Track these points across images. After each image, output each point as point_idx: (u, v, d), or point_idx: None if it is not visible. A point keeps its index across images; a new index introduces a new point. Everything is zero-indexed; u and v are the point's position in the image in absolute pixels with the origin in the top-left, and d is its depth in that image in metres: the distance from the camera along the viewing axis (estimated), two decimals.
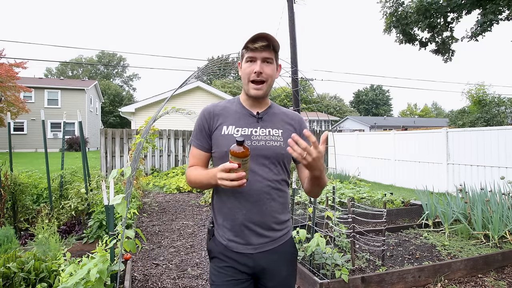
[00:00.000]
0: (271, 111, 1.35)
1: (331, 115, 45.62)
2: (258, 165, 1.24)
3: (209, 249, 1.34)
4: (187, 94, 14.57)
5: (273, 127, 1.31)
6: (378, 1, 9.17)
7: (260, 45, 1.21)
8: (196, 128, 1.34)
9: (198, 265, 3.46)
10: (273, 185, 1.26)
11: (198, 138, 1.33)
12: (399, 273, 2.83)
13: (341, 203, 5.25)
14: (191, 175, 1.30)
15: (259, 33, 1.20)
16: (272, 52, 1.25)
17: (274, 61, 1.27)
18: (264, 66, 1.24)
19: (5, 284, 2.23)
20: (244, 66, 1.27)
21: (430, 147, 8.36)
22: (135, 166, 2.83)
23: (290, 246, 1.34)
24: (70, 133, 25.20)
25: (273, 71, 1.27)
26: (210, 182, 1.19)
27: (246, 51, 1.25)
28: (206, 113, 1.33)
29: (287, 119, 1.36)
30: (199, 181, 1.26)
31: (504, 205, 4.00)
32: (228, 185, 1.06)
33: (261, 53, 1.22)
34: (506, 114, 15.89)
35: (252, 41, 1.21)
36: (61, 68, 53.76)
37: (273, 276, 1.27)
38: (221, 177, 1.07)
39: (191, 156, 1.36)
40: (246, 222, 1.24)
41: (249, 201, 1.23)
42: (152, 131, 6.89)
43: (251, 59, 1.24)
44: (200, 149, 1.33)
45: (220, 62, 3.31)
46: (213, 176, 1.14)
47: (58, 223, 3.91)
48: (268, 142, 1.26)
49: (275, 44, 1.24)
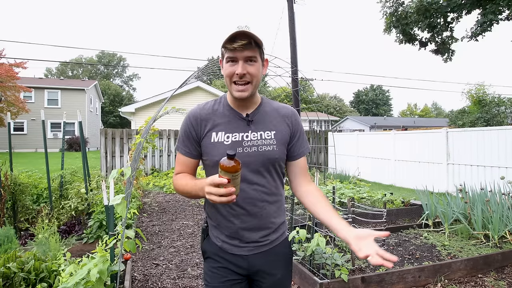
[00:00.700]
0: (262, 109, 1.26)
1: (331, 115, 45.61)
2: (252, 171, 1.19)
3: (203, 250, 1.32)
4: (187, 94, 14.57)
5: (265, 129, 1.23)
6: (378, 1, 9.18)
7: (240, 44, 1.09)
8: (182, 134, 1.26)
9: (198, 265, 3.46)
10: (267, 191, 1.22)
11: (186, 145, 1.25)
12: (399, 273, 2.83)
13: (341, 203, 5.25)
14: (179, 184, 1.23)
15: (237, 31, 1.09)
16: (255, 49, 1.13)
17: (258, 58, 1.15)
18: (247, 66, 1.13)
19: (5, 284, 2.23)
20: (225, 66, 1.16)
21: (430, 147, 8.36)
22: (135, 166, 2.83)
23: (285, 247, 1.33)
24: (70, 133, 25.19)
25: (257, 70, 1.16)
26: (198, 194, 1.13)
27: (225, 51, 1.14)
28: (193, 118, 1.23)
29: (279, 117, 1.27)
30: (186, 192, 1.20)
31: (504, 205, 4.00)
32: (216, 201, 1.00)
33: (242, 53, 1.11)
34: (506, 114, 15.90)
35: (230, 41, 1.09)
36: (61, 68, 53.77)
37: (268, 277, 1.26)
38: (209, 192, 1.00)
39: (178, 163, 1.28)
40: (241, 230, 1.22)
41: (244, 209, 1.20)
42: (152, 131, 6.89)
43: (232, 59, 1.13)
44: (188, 156, 1.26)
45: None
46: (201, 188, 1.09)
47: (58, 223, 3.91)
48: (260, 148, 1.20)
49: (256, 40, 1.11)
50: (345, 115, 48.45)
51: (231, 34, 1.09)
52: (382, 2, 9.10)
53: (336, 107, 53.90)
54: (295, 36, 9.56)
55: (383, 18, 9.28)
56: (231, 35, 1.09)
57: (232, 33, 1.09)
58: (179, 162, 1.28)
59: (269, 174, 1.23)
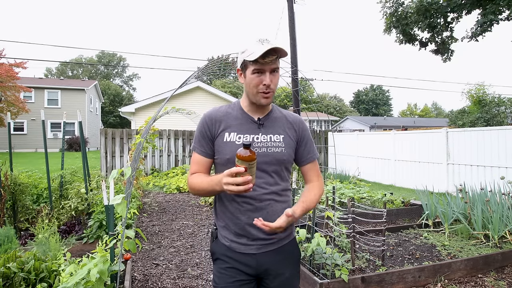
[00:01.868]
0: (272, 115, 1.35)
1: (331, 115, 45.63)
2: (261, 171, 1.24)
3: (212, 251, 1.34)
4: (187, 94, 14.56)
5: (274, 133, 1.31)
6: (378, 1, 9.19)
7: (270, 59, 1.19)
8: (198, 135, 1.32)
9: (198, 265, 3.46)
10: (275, 191, 1.27)
11: (202, 144, 1.31)
12: (399, 273, 2.83)
13: (341, 203, 5.25)
14: (194, 183, 1.27)
15: (269, 48, 1.15)
16: (278, 61, 1.24)
17: (278, 68, 1.27)
18: (272, 77, 1.23)
19: (5, 284, 2.23)
20: (251, 77, 1.23)
21: (430, 147, 8.36)
22: (135, 166, 2.83)
23: (293, 246, 1.35)
24: (70, 133, 25.20)
25: (278, 79, 1.27)
26: (215, 189, 1.17)
27: (252, 63, 1.21)
28: (208, 119, 1.31)
29: (287, 123, 1.36)
30: (202, 189, 1.24)
31: (504, 205, 4.00)
32: (234, 190, 1.04)
33: (270, 66, 1.21)
34: (506, 114, 15.91)
35: (262, 57, 1.17)
36: (61, 68, 53.76)
37: (276, 277, 1.27)
38: (227, 182, 1.05)
39: (193, 163, 1.33)
40: (248, 226, 1.24)
41: (253, 206, 1.24)
42: (152, 131, 6.89)
43: (259, 71, 1.21)
44: (203, 156, 1.31)
45: (220, 62, 3.31)
46: (217, 182, 1.13)
47: (58, 223, 3.91)
48: (270, 149, 1.27)
49: (282, 55, 1.22)
50: (345, 115, 48.46)
51: (265, 50, 1.14)
52: (382, 2, 9.10)
53: (336, 107, 53.91)
54: (295, 36, 9.56)
55: (383, 18, 9.29)
56: (265, 52, 1.15)
57: (266, 50, 1.15)
58: (194, 161, 1.33)
59: (276, 174, 1.28)
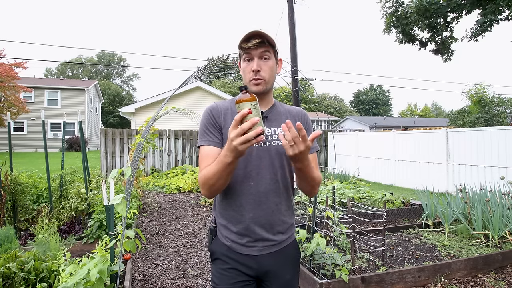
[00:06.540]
0: (276, 109, 1.33)
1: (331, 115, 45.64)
2: (265, 165, 1.22)
3: (211, 251, 1.30)
4: (187, 94, 14.57)
5: (278, 126, 1.29)
6: (378, 1, 9.18)
7: (254, 43, 1.18)
8: (204, 126, 1.25)
9: (198, 265, 3.46)
10: (279, 186, 1.25)
11: (209, 135, 1.23)
12: (399, 273, 2.83)
13: (341, 203, 5.25)
14: (205, 174, 1.13)
15: (251, 32, 1.17)
16: (269, 47, 1.21)
17: (272, 56, 1.24)
18: (262, 63, 1.21)
19: (5, 284, 2.23)
20: (243, 65, 1.25)
21: (430, 147, 8.36)
22: (135, 166, 2.83)
23: (294, 248, 1.33)
24: (70, 133, 25.19)
25: (271, 67, 1.24)
26: (226, 161, 1.03)
27: (242, 51, 1.23)
28: (213, 110, 1.27)
29: (290, 116, 1.34)
30: (214, 172, 1.09)
31: (504, 205, 4.00)
32: (243, 140, 0.94)
33: (257, 50, 1.20)
34: (506, 114, 15.89)
35: (245, 41, 1.19)
36: (61, 68, 53.76)
37: (277, 279, 1.25)
38: (234, 135, 0.95)
39: (202, 158, 1.20)
40: (252, 224, 1.21)
41: (258, 201, 1.21)
42: (152, 131, 6.89)
43: (248, 57, 1.22)
44: (214, 145, 1.21)
45: (220, 62, 3.31)
46: (226, 149, 1.02)
47: (58, 223, 3.91)
48: (274, 142, 1.25)
49: (269, 39, 1.20)
50: (345, 115, 48.46)
51: (246, 34, 1.18)
52: (382, 2, 9.09)
53: (336, 107, 53.92)
54: (295, 36, 9.56)
55: (383, 18, 9.28)
56: (246, 36, 1.18)
57: (247, 34, 1.18)
58: (203, 156, 1.21)
59: (281, 169, 1.26)
